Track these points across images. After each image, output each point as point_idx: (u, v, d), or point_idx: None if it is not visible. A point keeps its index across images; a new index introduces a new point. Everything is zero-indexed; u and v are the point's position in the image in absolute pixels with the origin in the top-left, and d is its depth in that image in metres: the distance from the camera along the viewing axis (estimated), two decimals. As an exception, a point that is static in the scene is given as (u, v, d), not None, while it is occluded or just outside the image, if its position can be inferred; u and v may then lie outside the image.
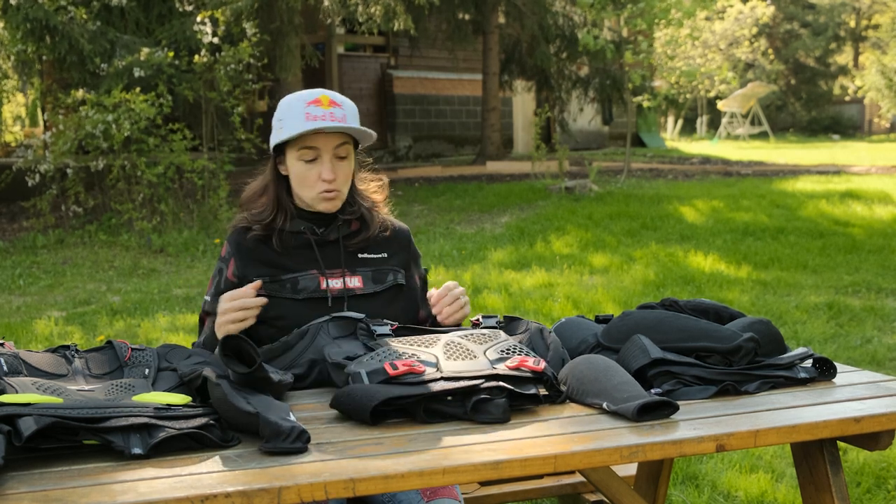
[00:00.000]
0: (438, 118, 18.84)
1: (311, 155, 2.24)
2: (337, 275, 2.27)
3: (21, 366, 1.76)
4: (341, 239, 2.31)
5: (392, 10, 11.54)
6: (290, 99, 2.27)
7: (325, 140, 2.24)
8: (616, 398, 1.75)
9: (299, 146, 2.24)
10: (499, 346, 1.94)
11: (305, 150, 2.24)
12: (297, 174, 2.27)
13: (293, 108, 2.23)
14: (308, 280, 2.24)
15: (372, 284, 2.30)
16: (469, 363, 1.85)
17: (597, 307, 6.03)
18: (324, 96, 2.24)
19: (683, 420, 1.72)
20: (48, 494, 1.38)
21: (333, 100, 2.24)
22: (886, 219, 9.46)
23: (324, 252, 2.29)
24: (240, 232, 2.32)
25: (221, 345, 1.74)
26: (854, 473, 3.42)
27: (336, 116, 2.21)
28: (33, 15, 9.73)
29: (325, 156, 2.24)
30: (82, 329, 5.77)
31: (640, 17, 12.48)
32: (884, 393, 1.93)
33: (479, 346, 1.93)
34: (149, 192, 9.41)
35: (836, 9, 34.38)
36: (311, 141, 2.23)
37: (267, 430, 1.56)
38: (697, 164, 17.01)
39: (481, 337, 1.98)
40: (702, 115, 30.33)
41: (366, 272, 2.30)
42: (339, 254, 2.29)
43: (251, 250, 2.28)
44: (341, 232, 2.31)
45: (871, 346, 5.12)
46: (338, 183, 2.27)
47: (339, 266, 2.28)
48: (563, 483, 2.65)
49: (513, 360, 1.86)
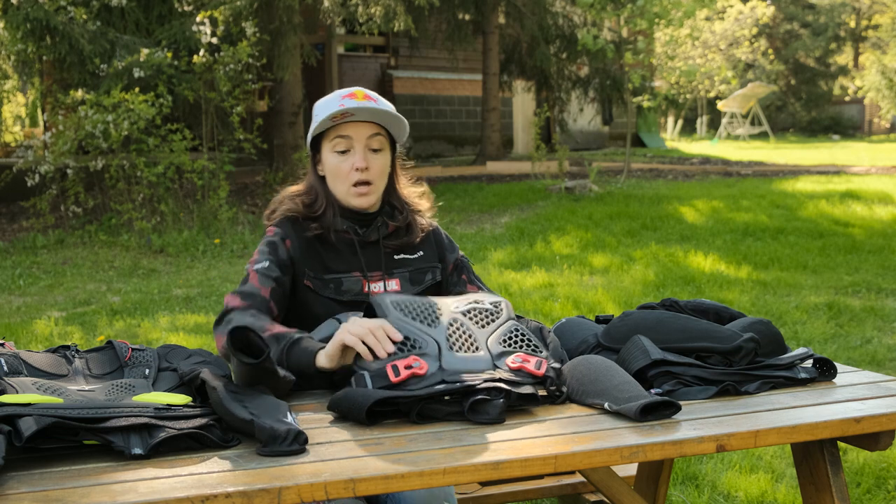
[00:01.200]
0: (438, 118, 18.84)
1: (344, 145, 2.23)
2: (377, 278, 2.25)
3: (21, 366, 1.76)
4: (381, 240, 2.28)
5: (392, 11, 11.55)
6: (328, 96, 2.27)
7: (357, 130, 2.22)
8: (618, 398, 1.75)
9: (332, 137, 2.23)
10: (501, 330, 1.93)
11: (339, 140, 2.22)
12: (331, 167, 2.25)
13: (329, 102, 2.23)
14: (352, 282, 2.22)
15: (410, 286, 2.28)
16: (471, 358, 1.84)
17: (597, 307, 6.03)
18: (359, 91, 2.24)
19: (684, 420, 1.72)
20: (48, 495, 1.38)
21: (368, 94, 2.24)
22: (886, 219, 9.46)
23: (367, 253, 2.27)
24: (293, 221, 2.26)
25: (230, 336, 1.73)
26: (854, 474, 3.42)
27: (369, 106, 2.20)
28: (33, 15, 9.73)
29: (357, 145, 2.23)
30: (82, 329, 5.77)
31: (640, 17, 12.48)
32: (884, 393, 1.93)
33: (481, 332, 1.91)
34: (149, 192, 9.41)
35: (836, 9, 34.38)
36: (344, 130, 2.22)
37: (263, 436, 1.56)
38: (697, 164, 17.02)
39: (484, 315, 1.96)
40: (702, 115, 30.34)
41: (403, 274, 2.29)
42: (380, 256, 2.27)
43: (304, 241, 2.24)
44: (381, 233, 2.29)
45: (871, 346, 5.12)
46: (371, 174, 2.23)
47: (380, 269, 2.27)
48: (563, 483, 2.65)
49: (515, 357, 1.86)
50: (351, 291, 2.21)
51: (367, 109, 2.19)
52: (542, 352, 1.92)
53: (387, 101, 2.28)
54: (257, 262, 2.19)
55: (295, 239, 2.24)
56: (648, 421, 1.69)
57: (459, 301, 2.00)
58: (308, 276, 2.22)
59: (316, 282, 2.21)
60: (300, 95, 12.50)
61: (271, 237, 2.24)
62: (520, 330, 1.94)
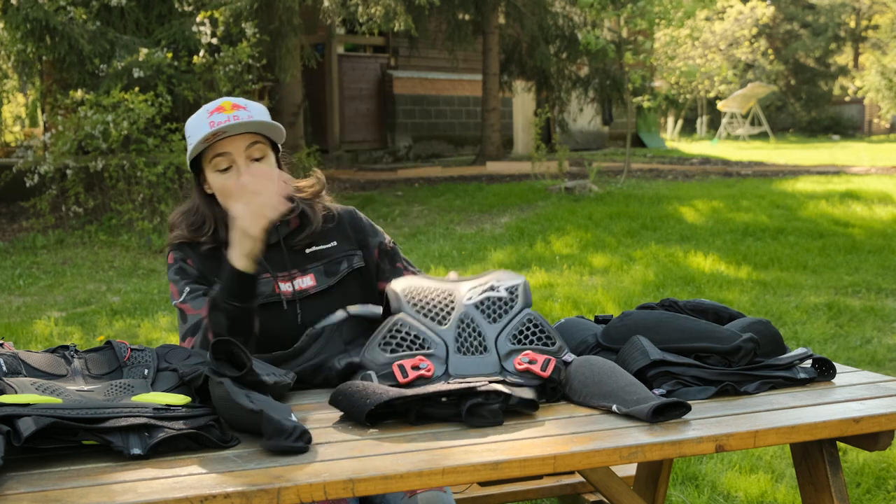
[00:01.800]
0: (438, 118, 18.84)
1: (226, 163, 2.17)
2: (286, 277, 2.22)
3: (20, 366, 1.76)
4: (282, 240, 2.25)
5: (392, 11, 11.55)
6: (196, 114, 2.21)
7: (233, 144, 2.17)
8: (626, 400, 1.74)
9: (211, 157, 2.18)
10: (514, 324, 1.92)
11: (218, 159, 2.17)
12: (218, 187, 2.19)
13: (198, 122, 2.17)
14: (262, 285, 2.18)
15: (325, 279, 2.24)
16: (478, 361, 1.83)
17: (596, 307, 6.03)
18: (226, 102, 2.18)
19: (683, 421, 1.72)
20: (47, 495, 1.38)
21: (237, 104, 2.18)
22: (886, 219, 9.46)
23: (270, 256, 2.22)
24: (183, 245, 2.24)
25: (212, 348, 1.71)
26: (853, 474, 3.42)
27: (241, 118, 2.14)
28: (33, 15, 9.73)
29: (238, 160, 2.17)
30: (82, 329, 5.77)
31: (641, 17, 12.48)
32: (883, 393, 1.92)
33: (492, 328, 1.90)
34: (148, 192, 9.41)
35: (835, 9, 34.37)
36: (221, 147, 2.16)
37: (270, 428, 1.56)
38: (697, 164, 17.02)
39: (496, 306, 1.94)
40: (702, 115, 30.34)
41: (317, 267, 2.25)
42: (284, 255, 2.23)
43: (204, 256, 2.22)
44: (281, 233, 2.25)
45: (870, 346, 5.12)
46: None
47: (287, 268, 2.23)
48: (562, 483, 2.65)
49: (523, 356, 1.85)
50: (262, 294, 2.17)
51: (238, 125, 2.14)
52: (554, 343, 1.91)
53: (257, 105, 2.22)
54: (180, 293, 2.18)
55: (195, 256, 2.23)
56: (659, 422, 1.69)
57: (474, 289, 1.98)
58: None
59: None
60: (300, 96, 12.50)
61: (174, 263, 2.24)
62: (533, 321, 1.93)
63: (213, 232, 2.23)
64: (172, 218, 2.32)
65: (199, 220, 2.25)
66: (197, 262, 2.22)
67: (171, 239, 2.27)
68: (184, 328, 2.15)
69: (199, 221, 2.25)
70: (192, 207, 2.28)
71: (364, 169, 15.90)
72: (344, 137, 17.32)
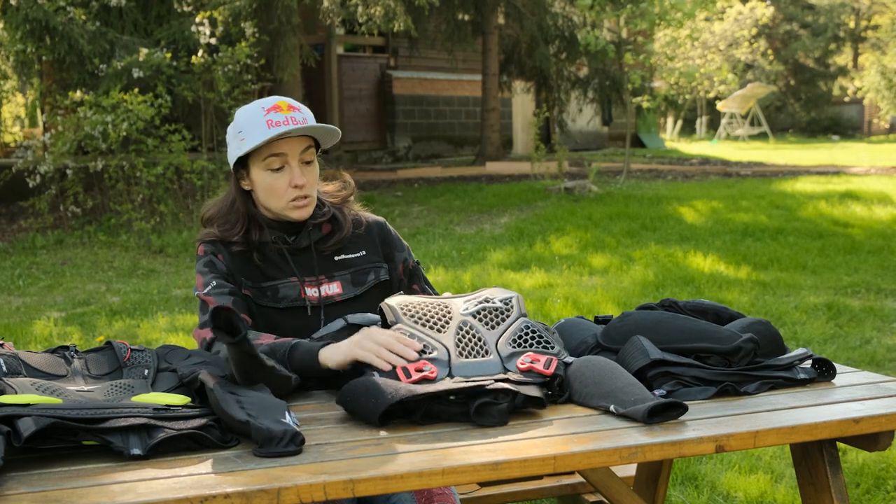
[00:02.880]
0: (438, 119, 18.84)
1: (279, 163, 2.17)
2: (313, 283, 2.22)
3: (20, 366, 1.76)
4: (313, 245, 2.25)
5: (392, 11, 11.54)
6: (248, 109, 2.20)
7: (290, 145, 2.17)
8: (624, 401, 1.74)
9: (265, 155, 2.17)
10: (512, 330, 1.93)
11: (273, 158, 2.16)
12: (265, 184, 2.19)
13: (253, 118, 2.16)
14: (288, 288, 2.19)
15: (352, 288, 2.25)
16: (481, 363, 1.84)
17: (596, 308, 6.03)
18: (282, 102, 2.18)
19: (683, 421, 1.72)
20: (47, 495, 1.38)
21: (292, 104, 2.18)
22: (886, 219, 9.47)
23: (299, 260, 2.23)
24: (216, 242, 2.24)
25: (212, 315, 1.70)
26: (853, 474, 3.42)
27: (297, 120, 2.15)
28: (33, 15, 9.73)
29: (292, 161, 2.17)
30: (81, 329, 5.77)
31: (640, 18, 12.48)
32: (883, 394, 1.92)
33: (491, 334, 1.91)
34: (148, 192, 9.41)
35: (835, 9, 34.38)
36: (278, 148, 2.16)
37: (259, 437, 1.56)
38: (697, 164, 17.02)
39: (494, 314, 1.96)
40: (701, 115, 30.34)
41: (344, 275, 2.25)
42: (313, 261, 2.23)
43: (235, 254, 2.22)
44: (312, 238, 2.25)
45: (870, 346, 5.12)
46: (308, 188, 2.20)
47: (314, 273, 2.23)
48: (562, 484, 2.65)
49: (524, 357, 1.86)
50: (288, 298, 2.19)
51: (302, 128, 2.14)
52: (553, 347, 1.92)
53: (307, 109, 2.22)
54: (206, 286, 2.17)
55: (226, 252, 2.22)
56: (655, 423, 1.69)
57: (469, 301, 2.00)
58: (246, 285, 2.20)
59: (254, 290, 2.20)
60: (300, 96, 12.48)
61: (204, 256, 2.22)
62: (530, 327, 1.94)
63: (245, 232, 2.22)
64: (206, 211, 2.30)
65: (234, 219, 2.24)
66: (227, 259, 2.22)
67: (203, 235, 2.26)
68: (203, 318, 2.14)
69: (234, 220, 2.24)
70: (228, 203, 2.27)
71: (363, 169, 15.90)
72: (343, 138, 17.30)
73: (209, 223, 2.28)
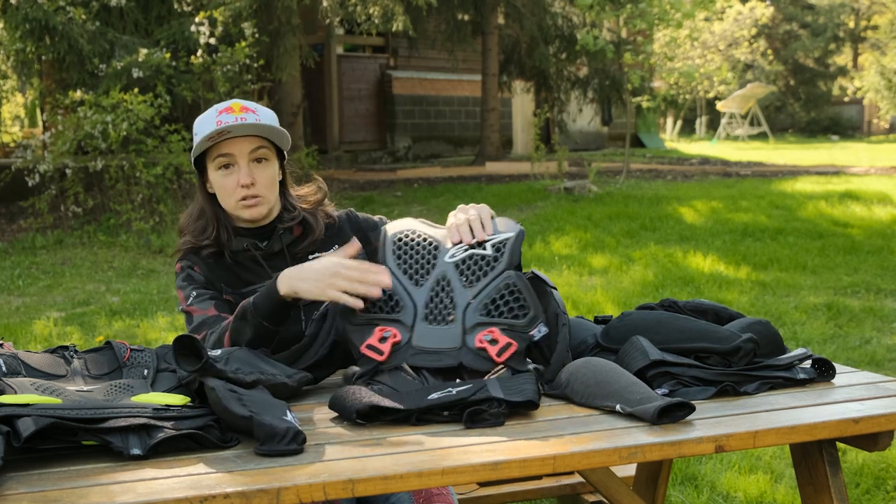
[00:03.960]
0: (437, 119, 18.84)
1: (226, 162, 2.20)
2: None
3: (20, 366, 1.76)
4: (286, 248, 2.27)
5: (391, 11, 11.55)
6: (206, 112, 2.23)
7: (238, 145, 2.19)
8: (630, 400, 1.74)
9: (215, 156, 2.20)
10: (489, 290, 1.93)
11: (221, 158, 2.20)
12: (217, 185, 2.23)
13: (205, 120, 2.19)
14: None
15: None
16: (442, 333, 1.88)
17: (596, 308, 6.03)
18: (235, 104, 2.20)
19: (683, 421, 1.72)
20: (47, 495, 1.38)
21: (246, 106, 2.20)
22: (885, 219, 9.47)
23: (273, 264, 2.24)
24: (191, 251, 2.27)
25: (174, 343, 1.72)
26: (853, 474, 3.42)
27: (247, 120, 2.17)
28: (33, 15, 9.73)
29: (241, 161, 2.19)
30: (81, 329, 5.77)
31: (640, 18, 12.48)
32: (883, 394, 1.92)
33: (467, 292, 1.93)
34: (147, 192, 9.41)
35: (835, 10, 34.38)
36: (226, 148, 2.19)
37: (262, 433, 1.56)
38: (696, 164, 17.02)
39: (478, 266, 1.97)
40: (701, 115, 30.34)
41: None
42: (287, 263, 2.22)
43: (211, 263, 2.25)
44: (284, 241, 2.27)
45: (870, 346, 5.12)
46: (258, 188, 2.20)
47: None
48: (562, 484, 2.65)
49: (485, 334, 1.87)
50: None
51: (243, 126, 2.15)
52: (526, 314, 1.91)
53: (267, 110, 2.25)
54: (186, 298, 2.20)
55: (201, 263, 2.25)
56: (664, 423, 1.69)
57: (459, 246, 2.02)
58: (227, 291, 2.23)
59: (235, 296, 2.21)
60: (299, 96, 12.50)
61: (181, 272, 2.26)
62: (510, 286, 1.94)
63: (215, 235, 2.25)
64: (181, 223, 2.35)
65: (204, 223, 2.27)
66: (203, 268, 2.25)
67: (179, 245, 2.31)
68: (190, 328, 2.18)
69: (203, 224, 2.27)
70: (197, 209, 2.31)
71: (363, 169, 15.90)
72: (343, 138, 17.32)
73: (182, 232, 2.32)
